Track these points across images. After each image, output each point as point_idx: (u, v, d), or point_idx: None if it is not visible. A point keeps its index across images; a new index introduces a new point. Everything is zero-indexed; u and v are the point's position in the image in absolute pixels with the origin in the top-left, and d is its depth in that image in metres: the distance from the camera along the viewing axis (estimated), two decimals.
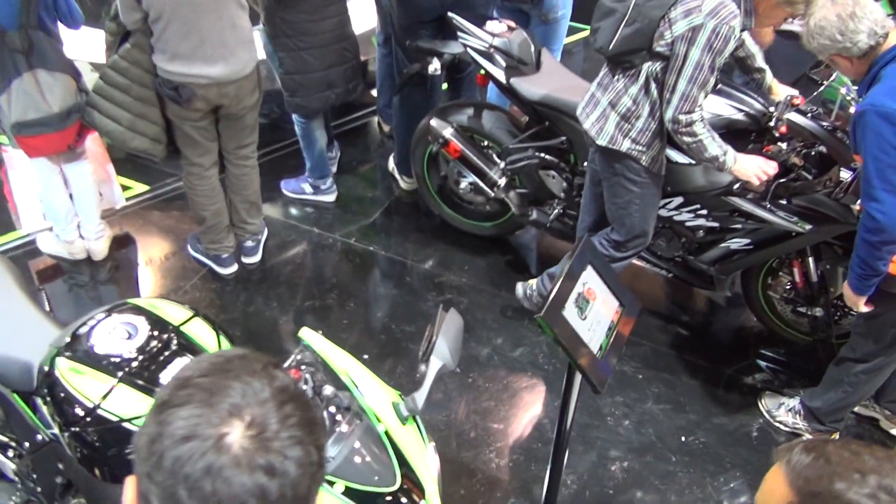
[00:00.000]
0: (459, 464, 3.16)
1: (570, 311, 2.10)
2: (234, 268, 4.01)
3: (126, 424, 1.99)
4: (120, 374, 2.03)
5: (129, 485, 0.92)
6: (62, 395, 2.04)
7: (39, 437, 2.28)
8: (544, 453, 3.23)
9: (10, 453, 2.45)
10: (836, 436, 3.32)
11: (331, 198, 4.52)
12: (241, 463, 0.83)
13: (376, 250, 4.24)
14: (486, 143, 3.96)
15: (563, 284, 2.11)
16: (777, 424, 3.41)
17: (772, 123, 3.16)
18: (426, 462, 2.05)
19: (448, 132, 3.73)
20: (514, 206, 3.86)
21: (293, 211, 4.49)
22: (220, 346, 2.22)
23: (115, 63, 3.39)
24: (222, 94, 3.41)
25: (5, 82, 3.26)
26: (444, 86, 4.48)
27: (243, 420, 0.86)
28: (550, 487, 2.62)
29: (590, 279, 2.21)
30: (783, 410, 3.41)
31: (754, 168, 2.93)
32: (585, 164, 3.63)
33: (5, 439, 2.44)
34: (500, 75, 3.63)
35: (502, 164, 3.78)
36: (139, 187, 4.55)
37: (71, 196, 3.88)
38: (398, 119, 4.34)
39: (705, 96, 2.79)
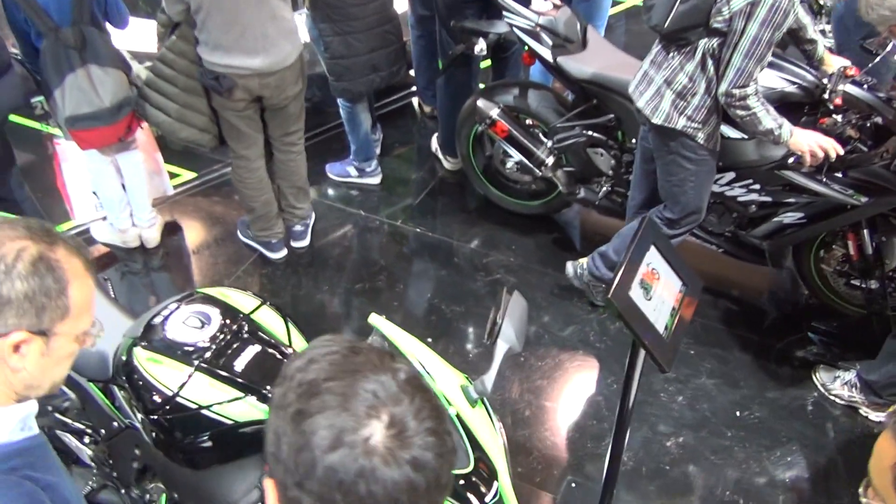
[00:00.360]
0: (515, 442, 3.20)
1: (636, 292, 2.11)
2: (284, 252, 4.06)
3: (204, 412, 2.04)
4: (196, 362, 2.08)
5: (270, 490, 0.95)
6: (141, 383, 2.09)
7: (116, 424, 2.35)
8: (598, 430, 3.27)
9: (87, 440, 2.52)
10: (894, 409, 3.31)
11: (376, 180, 4.55)
12: (390, 462, 0.86)
13: (423, 231, 4.27)
14: (531, 122, 3.95)
15: (629, 265, 2.12)
16: (832, 398, 3.40)
17: (826, 96, 3.13)
18: (496, 443, 2.08)
19: (495, 112, 3.73)
20: (561, 184, 3.86)
21: (339, 194, 4.53)
22: (288, 332, 2.26)
23: (163, 55, 3.43)
24: (263, 85, 3.43)
25: (59, 78, 3.30)
26: (485, 63, 4.48)
27: (382, 420, 0.89)
28: (612, 464, 2.64)
29: (653, 260, 2.21)
30: (838, 384, 3.40)
31: (811, 142, 2.90)
32: (634, 141, 3.63)
33: (81, 426, 2.51)
34: (547, 54, 3.62)
35: (549, 143, 3.77)
36: (187, 174, 4.61)
37: (123, 185, 3.95)
38: (442, 100, 4.35)
39: (761, 70, 2.76)
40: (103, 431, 2.42)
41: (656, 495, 3.08)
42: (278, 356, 2.19)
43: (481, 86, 4.56)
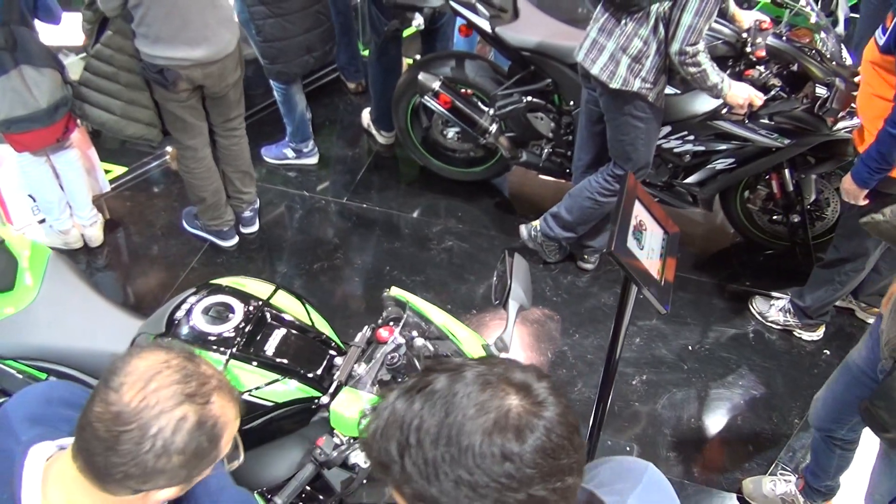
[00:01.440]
0: None
1: (631, 243, 2.31)
2: (236, 239, 4.06)
3: (245, 396, 2.10)
4: (229, 351, 2.14)
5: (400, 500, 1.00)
6: None
7: None
8: (568, 377, 3.49)
9: None
10: (823, 328, 3.69)
11: (314, 160, 4.59)
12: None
13: (370, 206, 4.35)
14: (468, 91, 4.08)
15: (622, 220, 2.31)
16: (769, 324, 3.75)
17: (748, 49, 3.41)
18: None
19: (437, 84, 3.84)
20: (504, 149, 4.02)
21: (278, 177, 4.54)
22: (308, 313, 2.34)
23: (98, 52, 3.35)
24: (206, 75, 3.41)
25: None
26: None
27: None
28: (600, 406, 2.86)
29: (640, 212, 2.42)
30: (774, 310, 3.74)
31: (746, 94, 3.17)
32: (571, 103, 3.83)
33: None
34: (486, 25, 3.75)
35: (491, 111, 3.92)
36: (118, 169, 4.50)
37: (60, 186, 3.84)
38: (374, 75, 4.41)
39: (709, 27, 2.98)
40: None
41: (630, 429, 3.33)
42: (303, 336, 2.27)
43: (407, 61, 4.66)
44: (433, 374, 0.98)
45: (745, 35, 3.45)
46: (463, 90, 4.04)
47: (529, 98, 3.88)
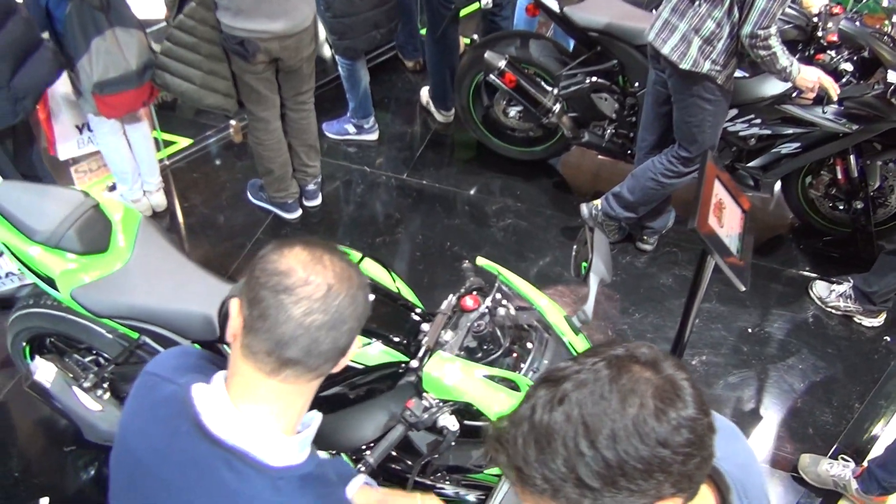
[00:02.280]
0: None
1: (713, 221, 2.34)
2: (299, 212, 4.14)
3: (350, 363, 2.17)
4: None
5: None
6: None
7: None
8: None
9: None
10: (884, 315, 3.69)
11: (374, 136, 4.65)
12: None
13: (429, 183, 4.41)
14: (531, 71, 4.11)
15: (703, 198, 2.35)
16: (829, 309, 3.76)
17: (819, 33, 3.41)
18: None
19: (503, 63, 3.87)
20: (566, 129, 4.05)
21: (339, 152, 4.61)
22: (394, 280, 2.41)
23: (181, 23, 3.42)
24: (283, 48, 3.48)
25: (87, 43, 3.28)
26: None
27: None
28: None
29: (719, 191, 2.45)
30: (834, 296, 3.75)
31: (815, 78, 3.17)
32: (637, 84, 3.84)
33: None
34: (554, 5, 3.78)
35: (555, 91, 3.95)
36: (183, 142, 4.60)
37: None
38: (435, 55, 4.45)
39: (782, 11, 2.99)
40: None
41: None
42: (391, 302, 2.33)
43: (464, 40, 4.69)
44: (561, 381, 0.99)
45: (815, 19, 3.46)
46: (527, 69, 4.07)
47: (594, 78, 3.91)
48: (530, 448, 0.96)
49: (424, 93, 4.87)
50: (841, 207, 3.93)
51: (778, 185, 4.14)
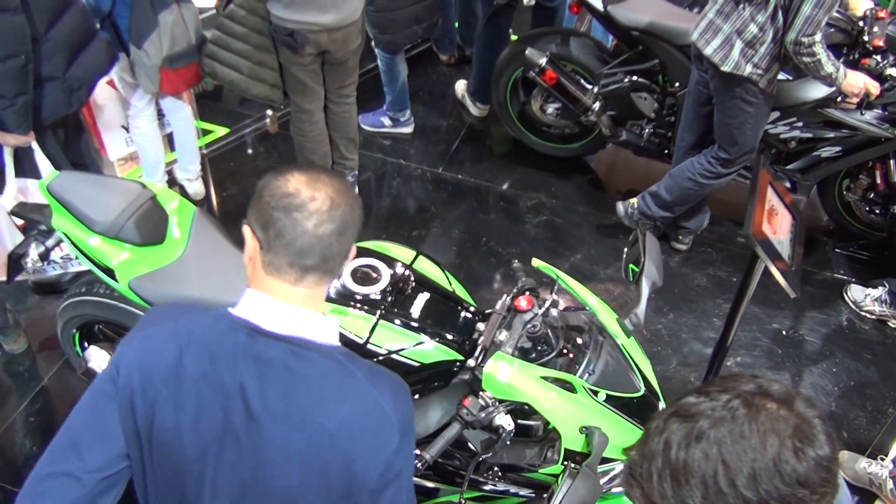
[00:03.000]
0: None
1: (766, 227, 2.36)
2: None
3: (394, 356, 2.21)
4: (378, 312, 2.24)
5: None
6: None
7: None
8: (662, 355, 3.56)
9: None
10: None
11: (409, 129, 4.68)
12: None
13: (464, 178, 4.44)
14: (571, 68, 4.12)
15: (758, 204, 2.37)
16: (864, 314, 3.78)
17: (865, 37, 3.41)
18: (649, 369, 2.32)
19: (544, 60, 3.88)
20: (605, 128, 4.07)
21: (374, 144, 4.64)
22: (447, 278, 2.44)
23: (232, 12, 3.45)
24: (332, 40, 3.51)
25: (156, 17, 3.35)
26: None
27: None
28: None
29: (772, 197, 2.47)
30: (869, 300, 3.76)
31: (861, 84, 3.17)
32: (677, 84, 3.85)
33: None
34: (598, 3, 3.79)
35: (595, 89, 3.96)
36: (220, 130, 4.63)
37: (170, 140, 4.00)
38: (481, 49, 4.48)
39: (827, 18, 2.99)
40: None
41: None
42: (445, 301, 2.37)
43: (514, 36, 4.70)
44: (696, 418, 1.01)
45: (860, 23, 3.46)
46: (566, 67, 4.08)
47: (634, 77, 3.92)
48: (666, 483, 0.99)
49: (460, 86, 4.89)
50: (878, 211, 3.93)
51: (815, 188, 4.14)
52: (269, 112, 4.44)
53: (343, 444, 1.35)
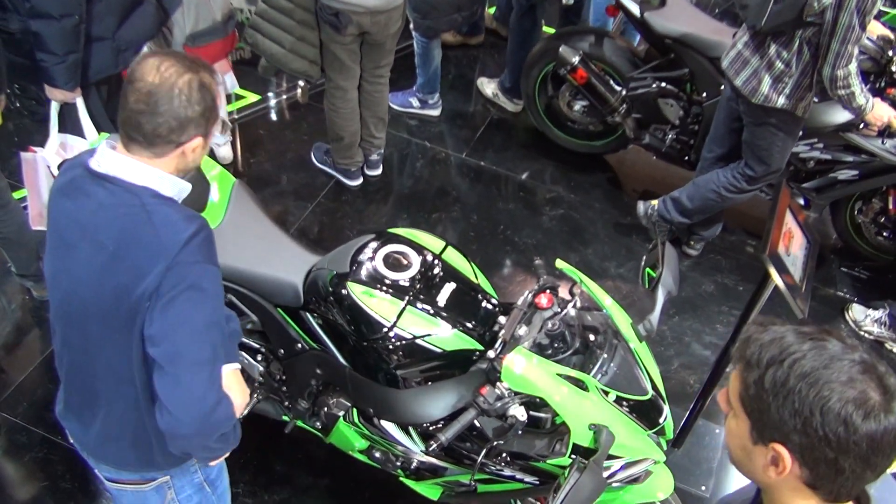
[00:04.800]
0: None
1: (781, 248, 2.47)
2: (360, 180, 4.27)
3: (419, 341, 2.33)
4: (406, 297, 2.36)
5: (786, 455, 1.19)
6: (359, 314, 2.35)
7: (300, 345, 2.62)
8: (665, 356, 3.67)
9: (259, 357, 2.78)
10: None
11: (436, 112, 4.76)
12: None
13: (487, 165, 4.53)
14: (600, 68, 4.19)
15: (776, 225, 2.47)
16: (863, 333, 3.89)
17: (893, 67, 3.49)
18: (658, 374, 2.44)
19: (576, 59, 3.96)
20: (629, 130, 4.16)
21: (401, 124, 4.72)
22: (474, 271, 2.55)
23: None
24: (374, 22, 3.58)
25: None
26: None
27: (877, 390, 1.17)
28: (706, 392, 3.06)
29: (789, 220, 2.57)
30: (869, 321, 3.88)
31: (886, 115, 3.26)
32: (704, 94, 3.94)
33: (256, 346, 2.76)
34: (635, 9, 3.86)
35: (623, 91, 4.04)
36: (251, 97, 4.72)
37: None
38: (515, 44, 4.55)
39: (857, 51, 3.07)
40: (282, 352, 2.68)
41: (722, 414, 3.52)
42: (470, 292, 2.48)
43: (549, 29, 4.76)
44: (830, 336, 1.19)
45: (890, 52, 3.54)
46: (597, 66, 4.16)
47: (663, 84, 4.00)
48: (762, 342, 1.21)
49: (488, 86, 4.93)
50: (886, 235, 4.04)
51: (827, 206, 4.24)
52: (302, 83, 4.52)
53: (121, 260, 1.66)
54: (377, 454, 2.66)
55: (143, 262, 1.64)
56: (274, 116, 4.68)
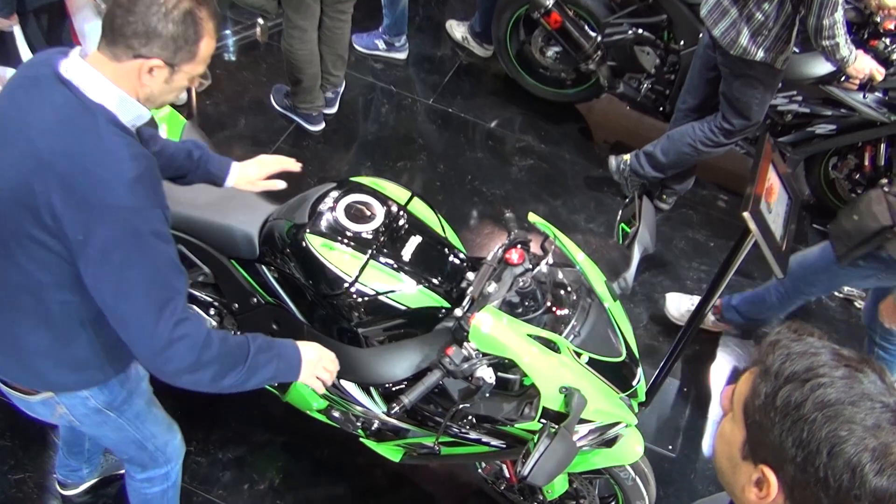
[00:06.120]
0: None
1: (763, 206, 2.36)
2: (323, 125, 4.07)
3: (382, 297, 2.19)
4: (369, 251, 2.21)
5: (773, 480, 1.03)
6: (317, 268, 2.20)
7: (255, 300, 2.46)
8: (634, 313, 3.59)
9: (212, 311, 2.62)
10: None
11: (403, 55, 4.55)
12: None
13: (455, 112, 4.36)
14: (575, 13, 4.02)
15: (758, 182, 2.36)
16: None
17: (877, 19, 3.37)
18: (631, 334, 2.33)
19: (550, 2, 3.79)
20: (603, 78, 4.00)
21: (366, 67, 4.51)
22: (441, 224, 2.40)
23: None
24: None
25: None
26: None
27: None
28: (678, 348, 2.98)
29: (772, 176, 2.46)
30: None
31: (868, 68, 3.15)
32: (682, 42, 3.79)
33: (209, 299, 2.60)
34: None
35: (599, 38, 3.88)
36: None
37: None
38: None
39: None
40: (236, 306, 2.53)
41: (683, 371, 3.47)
42: (437, 246, 2.34)
43: None
44: (871, 370, 1.03)
45: (874, 3, 3.41)
46: (571, 11, 3.98)
47: (640, 30, 3.84)
48: (787, 352, 1.05)
49: (457, 29, 4.72)
50: (860, 192, 3.96)
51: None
52: (261, 21, 4.27)
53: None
54: (336, 414, 2.53)
55: (74, 185, 1.55)
56: (231, 57, 4.44)
